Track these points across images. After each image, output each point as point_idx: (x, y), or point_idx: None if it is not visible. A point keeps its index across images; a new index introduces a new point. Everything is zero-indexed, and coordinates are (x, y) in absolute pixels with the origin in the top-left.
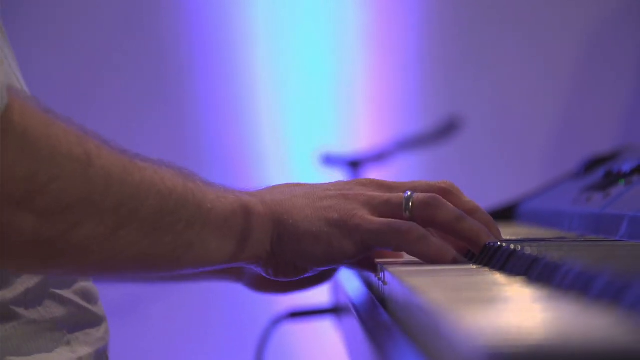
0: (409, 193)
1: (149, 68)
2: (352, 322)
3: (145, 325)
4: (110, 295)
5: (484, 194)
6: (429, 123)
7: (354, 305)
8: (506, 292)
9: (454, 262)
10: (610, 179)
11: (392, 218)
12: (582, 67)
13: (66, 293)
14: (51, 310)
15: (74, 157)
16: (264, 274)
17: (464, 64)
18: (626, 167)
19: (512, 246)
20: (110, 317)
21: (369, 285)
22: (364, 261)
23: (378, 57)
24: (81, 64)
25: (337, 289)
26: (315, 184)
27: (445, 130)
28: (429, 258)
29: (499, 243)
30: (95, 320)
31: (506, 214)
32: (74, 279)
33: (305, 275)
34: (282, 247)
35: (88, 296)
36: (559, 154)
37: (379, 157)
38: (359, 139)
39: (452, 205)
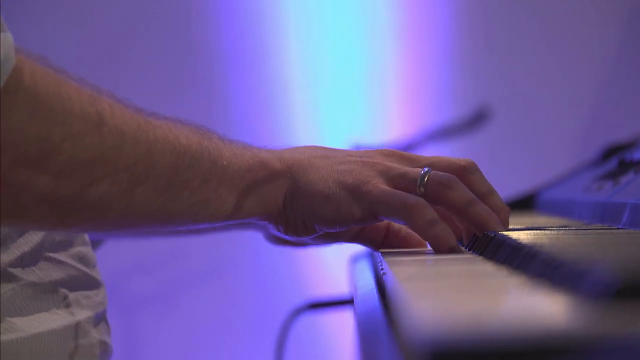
0: (427, 169)
1: (178, 53)
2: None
3: (170, 317)
4: (138, 288)
5: (512, 184)
6: (458, 113)
7: (356, 294)
8: (480, 281)
9: (451, 250)
10: (623, 168)
11: (405, 192)
12: (611, 57)
13: (62, 256)
14: (49, 272)
15: (87, 117)
16: (273, 231)
17: (493, 55)
18: (638, 155)
19: (501, 235)
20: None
21: (376, 275)
22: (368, 236)
23: (408, 48)
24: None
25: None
26: (338, 149)
27: (475, 121)
28: (429, 238)
29: (491, 232)
30: (93, 283)
31: (526, 203)
32: (69, 243)
33: (314, 235)
34: (293, 205)
35: (85, 260)
36: (587, 143)
37: (408, 147)
38: (389, 129)
39: (466, 188)
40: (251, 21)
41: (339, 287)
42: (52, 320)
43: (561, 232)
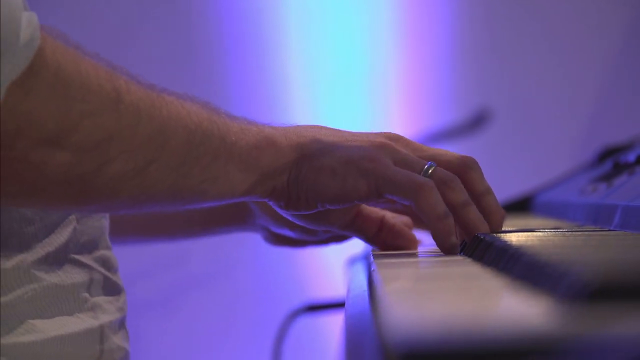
0: (432, 164)
1: (178, 53)
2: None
3: (169, 320)
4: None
5: (513, 185)
6: (459, 115)
7: (347, 296)
8: (463, 283)
9: (451, 249)
10: (618, 170)
11: None
12: (612, 59)
13: (86, 259)
14: (72, 275)
15: (104, 93)
16: (275, 207)
17: (494, 58)
18: (632, 157)
19: (490, 237)
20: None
21: (369, 277)
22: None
23: (410, 50)
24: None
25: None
26: (343, 130)
27: (476, 123)
28: (431, 221)
29: (481, 234)
30: (115, 289)
31: (523, 205)
32: (94, 245)
33: (314, 211)
34: (298, 179)
35: (108, 264)
36: (588, 145)
37: None
38: (390, 130)
39: (465, 192)
40: (252, 21)
41: (337, 289)
42: (74, 323)
43: (551, 234)
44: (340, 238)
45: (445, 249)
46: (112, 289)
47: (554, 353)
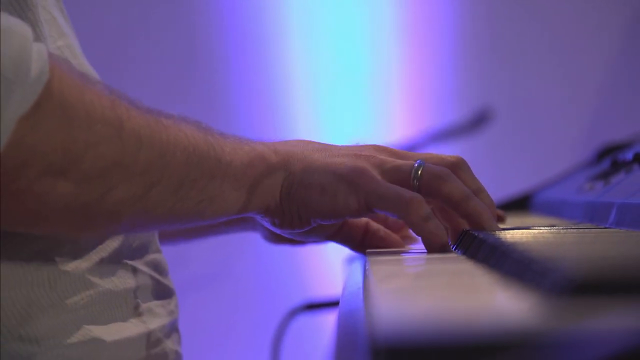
0: (420, 162)
1: (180, 54)
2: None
3: None
4: None
5: (514, 184)
6: (461, 115)
7: (342, 294)
8: (453, 280)
9: (442, 248)
10: (616, 168)
11: (400, 185)
12: (613, 59)
13: (138, 264)
14: (125, 280)
15: (108, 122)
16: (269, 225)
17: (495, 57)
18: (629, 155)
19: (483, 234)
20: None
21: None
22: (347, 234)
23: (411, 50)
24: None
25: None
26: (330, 143)
27: (477, 122)
28: (422, 234)
29: (474, 231)
30: (166, 292)
31: (522, 203)
32: (145, 249)
33: (308, 228)
34: (290, 197)
35: (159, 268)
36: (589, 144)
37: (411, 148)
38: (391, 130)
39: (461, 182)
40: (254, 22)
41: (335, 288)
42: (127, 328)
43: (545, 231)
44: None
45: (435, 251)
46: (163, 292)
47: (535, 347)
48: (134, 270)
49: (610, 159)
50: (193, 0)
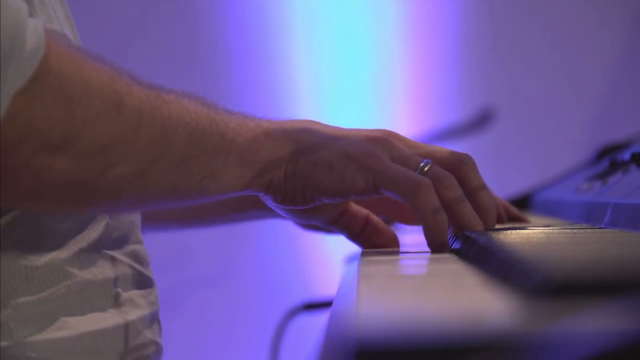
0: (428, 161)
1: (183, 53)
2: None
3: (170, 319)
4: None
5: (517, 184)
6: (463, 114)
7: (337, 294)
8: (438, 281)
9: (440, 248)
10: (614, 168)
11: None
12: (615, 59)
13: (118, 254)
14: (104, 270)
15: (107, 98)
16: (271, 202)
17: (498, 57)
18: (627, 155)
19: (475, 235)
20: None
21: None
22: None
23: (415, 50)
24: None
25: None
26: (338, 126)
27: (480, 122)
28: (425, 223)
29: (468, 232)
30: (147, 283)
31: (522, 203)
32: (125, 240)
33: (312, 206)
34: (295, 174)
35: (139, 258)
36: (591, 145)
37: None
38: (394, 129)
39: (459, 189)
40: (257, 22)
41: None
42: (105, 319)
43: (538, 232)
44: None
45: (435, 247)
46: (144, 283)
47: (509, 349)
48: (114, 261)
49: (609, 159)
50: (196, 0)
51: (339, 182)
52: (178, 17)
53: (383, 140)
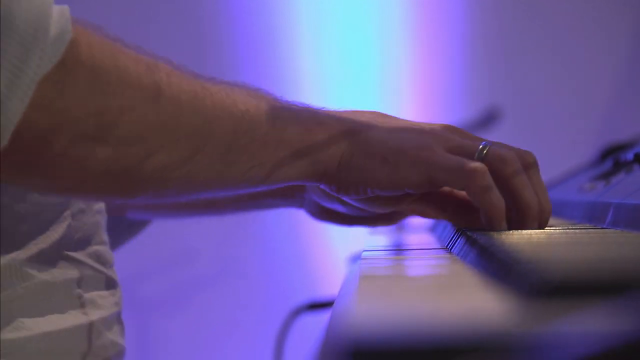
0: (486, 143)
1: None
2: None
3: (175, 319)
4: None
5: None
6: (469, 114)
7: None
8: (435, 282)
9: (499, 225)
10: (617, 168)
11: None
12: (622, 59)
13: (80, 255)
14: (65, 271)
15: (144, 88)
16: (327, 188)
17: (504, 57)
18: (630, 155)
19: (476, 235)
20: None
21: None
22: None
23: (420, 49)
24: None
25: None
26: (400, 118)
27: (485, 122)
28: (482, 204)
29: (469, 233)
30: (110, 284)
31: None
32: (87, 241)
33: (364, 197)
34: (349, 165)
35: (102, 259)
36: (597, 144)
37: None
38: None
39: (519, 163)
40: (262, 21)
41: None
42: (65, 320)
43: (540, 232)
44: (390, 220)
45: (492, 226)
46: (107, 284)
47: (507, 350)
48: (76, 262)
49: (613, 159)
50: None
51: (392, 176)
52: (183, 16)
53: (440, 133)
